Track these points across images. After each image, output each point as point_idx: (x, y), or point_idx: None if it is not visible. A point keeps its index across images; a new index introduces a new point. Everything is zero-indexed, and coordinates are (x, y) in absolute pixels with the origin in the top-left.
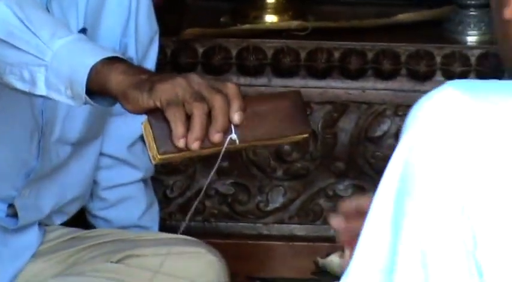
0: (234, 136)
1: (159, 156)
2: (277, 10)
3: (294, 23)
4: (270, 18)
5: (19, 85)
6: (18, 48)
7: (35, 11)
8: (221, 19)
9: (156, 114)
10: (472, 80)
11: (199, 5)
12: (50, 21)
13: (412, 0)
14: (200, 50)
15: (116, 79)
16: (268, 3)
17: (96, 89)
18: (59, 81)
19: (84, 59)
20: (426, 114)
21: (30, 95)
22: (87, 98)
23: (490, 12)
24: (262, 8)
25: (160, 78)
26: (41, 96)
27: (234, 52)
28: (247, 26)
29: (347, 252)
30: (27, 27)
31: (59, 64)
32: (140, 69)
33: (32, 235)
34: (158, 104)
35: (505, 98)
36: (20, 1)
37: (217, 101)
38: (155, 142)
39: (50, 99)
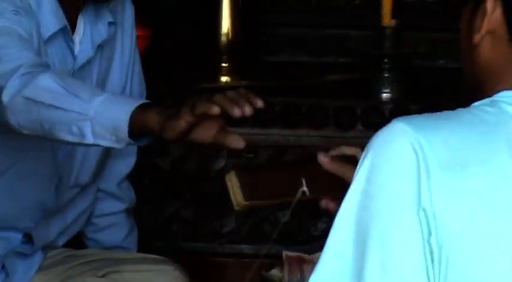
0: (305, 189)
1: (243, 203)
2: (229, 72)
3: (242, 83)
4: (224, 79)
5: (70, 138)
6: (64, 109)
7: (71, 80)
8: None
9: (239, 168)
10: (413, 116)
11: (167, 63)
12: (85, 86)
13: (338, 64)
14: (168, 104)
15: (153, 118)
16: (223, 66)
17: (137, 131)
18: (104, 130)
19: (123, 108)
20: (381, 138)
21: (75, 144)
22: (130, 140)
23: (460, 41)
24: (219, 71)
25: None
26: (90, 144)
27: None
28: (206, 85)
29: (286, 267)
30: (69, 92)
31: (101, 116)
32: (169, 108)
33: (39, 255)
34: (193, 117)
35: (436, 125)
36: (59, 74)
37: (240, 93)
38: (241, 190)
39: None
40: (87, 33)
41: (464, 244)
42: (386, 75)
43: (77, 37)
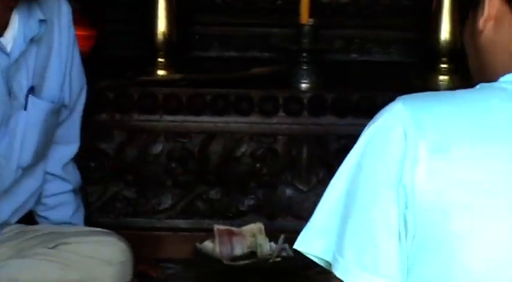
0: None
1: None
2: (165, 66)
3: (177, 76)
4: (161, 72)
5: None
6: None
7: None
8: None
9: None
10: (416, 95)
11: (111, 60)
12: None
13: (262, 59)
14: (111, 96)
15: None
16: (160, 61)
17: None
18: None
19: None
20: (382, 116)
21: None
22: None
23: (462, 34)
24: (155, 65)
25: None
26: None
27: (135, 97)
28: (145, 78)
29: (217, 239)
30: None
31: None
32: None
33: None
34: None
35: (433, 108)
36: None
37: None
38: None
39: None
40: (20, 29)
41: (439, 219)
42: (304, 68)
43: (10, 33)
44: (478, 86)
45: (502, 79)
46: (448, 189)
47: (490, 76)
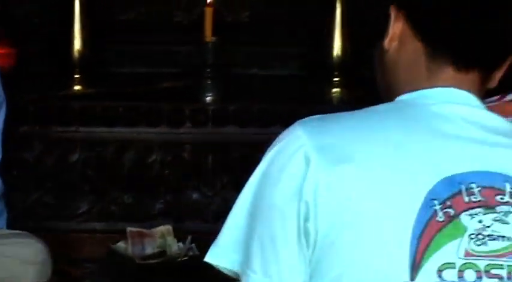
0: None
1: None
2: (81, 82)
3: (92, 90)
4: (77, 87)
5: None
6: None
7: None
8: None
9: None
10: (313, 119)
11: (32, 76)
12: None
13: (171, 74)
14: (32, 109)
15: None
16: (76, 77)
17: None
18: None
19: None
20: (283, 138)
21: None
22: None
23: (374, 51)
24: (72, 80)
25: None
26: None
27: (54, 110)
28: (63, 93)
29: (129, 240)
30: None
31: None
32: None
33: None
34: None
35: (329, 128)
36: None
37: None
38: None
39: None
40: None
41: (338, 229)
42: (209, 82)
43: None
44: (376, 106)
45: (398, 99)
46: (346, 203)
47: (395, 94)
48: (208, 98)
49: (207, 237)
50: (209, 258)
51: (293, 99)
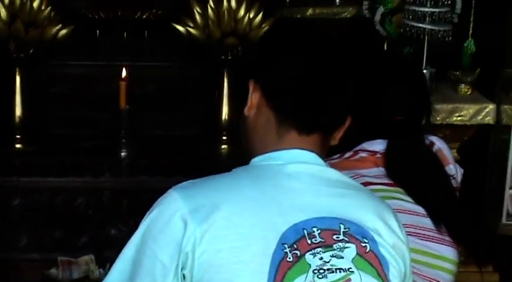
0: None
1: None
2: (22, 141)
3: (30, 148)
4: (18, 145)
5: None
6: None
7: None
8: None
9: None
10: (188, 184)
11: None
12: None
13: (93, 135)
14: None
15: None
16: (17, 137)
17: None
18: None
19: None
20: (162, 203)
21: None
22: None
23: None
24: (14, 140)
25: None
26: None
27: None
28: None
29: (60, 267)
30: None
31: None
32: None
33: None
34: None
35: (201, 192)
36: None
37: None
38: None
39: None
40: None
41: (211, 271)
42: (123, 141)
43: None
44: (237, 168)
45: (252, 160)
46: (215, 251)
47: (253, 155)
48: (123, 154)
49: None
50: None
51: (190, 155)
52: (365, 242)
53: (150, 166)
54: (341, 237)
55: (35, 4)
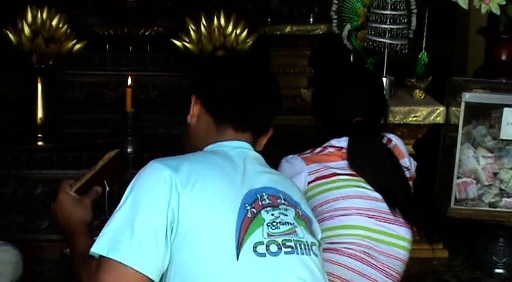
0: (107, 189)
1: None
2: (43, 139)
3: (49, 145)
4: (40, 143)
5: None
6: None
7: None
8: None
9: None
10: (164, 158)
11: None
12: None
13: (104, 133)
14: (8, 158)
15: None
16: (39, 136)
17: None
18: None
19: None
20: (145, 172)
21: None
22: None
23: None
24: (36, 138)
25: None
26: None
27: (23, 158)
28: (29, 147)
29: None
30: None
31: None
32: None
33: None
34: None
35: (179, 163)
36: None
37: None
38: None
39: None
40: None
41: (193, 225)
42: (129, 138)
43: None
44: (199, 152)
45: (205, 148)
46: (194, 207)
47: (195, 150)
48: (129, 149)
49: None
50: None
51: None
52: (298, 208)
53: (151, 159)
54: (283, 201)
55: (54, 23)
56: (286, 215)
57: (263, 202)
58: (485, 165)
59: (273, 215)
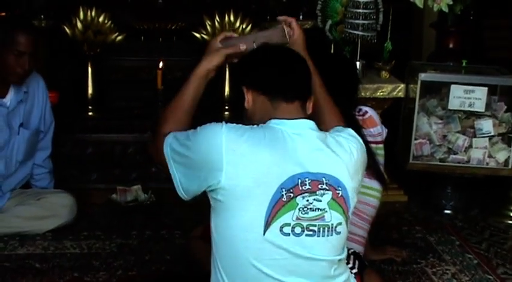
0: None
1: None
2: (92, 111)
3: (98, 115)
4: (90, 113)
5: None
6: None
7: None
8: None
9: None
10: (230, 125)
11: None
12: None
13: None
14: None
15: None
16: (89, 108)
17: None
18: None
19: None
20: (211, 124)
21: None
22: None
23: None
24: (87, 110)
25: None
26: None
27: (79, 125)
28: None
29: (118, 193)
30: None
31: None
32: None
33: (7, 194)
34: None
35: (236, 128)
36: None
37: None
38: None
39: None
40: (13, 95)
41: (235, 186)
42: (159, 110)
43: (8, 97)
44: (262, 125)
45: (269, 122)
46: (239, 169)
47: (258, 123)
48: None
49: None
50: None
51: (203, 117)
52: (339, 190)
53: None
54: (324, 186)
55: (100, 19)
56: (320, 201)
57: (303, 187)
58: (436, 129)
59: (307, 200)
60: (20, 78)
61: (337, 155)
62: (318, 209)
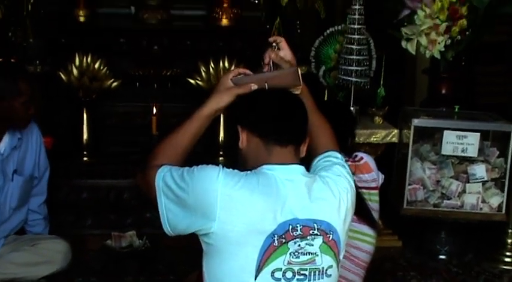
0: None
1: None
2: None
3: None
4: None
5: None
6: None
7: None
8: None
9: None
10: (226, 170)
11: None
12: None
13: None
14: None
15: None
16: (84, 153)
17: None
18: None
19: None
20: (208, 166)
21: None
22: None
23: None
24: (82, 156)
25: None
26: None
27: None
28: None
29: (113, 239)
30: None
31: None
32: None
33: (2, 240)
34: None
35: (236, 177)
36: None
37: None
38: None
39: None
40: (7, 142)
41: (230, 229)
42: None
43: (3, 143)
44: (255, 171)
45: (261, 167)
46: (233, 215)
47: (252, 166)
48: None
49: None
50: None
51: (196, 164)
52: (330, 234)
53: None
54: (315, 231)
55: (96, 65)
56: (312, 245)
57: (294, 233)
58: (430, 174)
59: (299, 245)
60: (28, 123)
61: (326, 200)
62: (309, 253)
